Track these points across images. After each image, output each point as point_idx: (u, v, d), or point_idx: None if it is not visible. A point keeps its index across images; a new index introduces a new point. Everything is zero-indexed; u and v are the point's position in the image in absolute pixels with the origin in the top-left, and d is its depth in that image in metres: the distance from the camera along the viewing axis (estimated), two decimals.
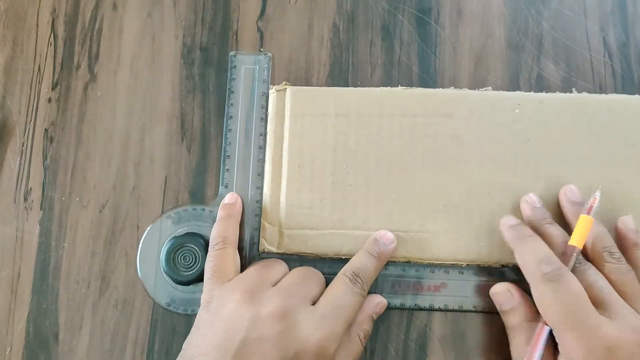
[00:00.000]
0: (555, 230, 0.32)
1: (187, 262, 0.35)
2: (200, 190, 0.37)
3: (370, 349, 0.34)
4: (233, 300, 0.30)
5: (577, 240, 0.31)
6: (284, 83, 0.37)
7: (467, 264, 0.34)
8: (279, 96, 0.37)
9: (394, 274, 0.35)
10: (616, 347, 0.27)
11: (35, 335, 0.35)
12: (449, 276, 0.34)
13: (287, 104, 0.36)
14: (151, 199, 0.37)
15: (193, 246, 0.35)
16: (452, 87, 0.37)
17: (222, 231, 0.34)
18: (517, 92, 0.36)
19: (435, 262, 0.34)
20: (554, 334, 0.29)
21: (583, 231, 0.31)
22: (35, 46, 0.40)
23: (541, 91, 0.37)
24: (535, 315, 0.31)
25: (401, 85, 0.37)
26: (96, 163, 0.38)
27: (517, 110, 0.35)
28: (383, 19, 0.39)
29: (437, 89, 0.37)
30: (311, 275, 0.33)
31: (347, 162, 0.35)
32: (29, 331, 0.36)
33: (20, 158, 0.38)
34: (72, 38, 0.40)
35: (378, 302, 0.34)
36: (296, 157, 0.36)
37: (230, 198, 0.36)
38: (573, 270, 0.30)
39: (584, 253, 0.32)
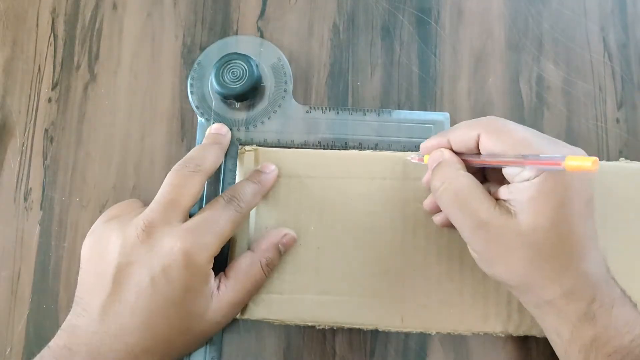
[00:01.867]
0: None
1: (234, 76, 0.36)
2: None
3: (370, 349, 0.34)
4: (106, 232, 0.31)
5: None
6: (253, 146, 0.36)
7: (437, 332, 0.33)
8: (248, 157, 0.36)
9: None
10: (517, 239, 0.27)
11: (35, 335, 0.35)
12: None
13: (256, 166, 0.36)
14: (151, 199, 0.36)
15: (242, 63, 0.36)
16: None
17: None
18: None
19: (404, 330, 0.33)
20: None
21: None
22: (35, 46, 0.40)
23: (541, 91, 0.37)
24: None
25: (401, 85, 0.37)
26: (96, 163, 0.38)
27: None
28: (383, 19, 0.39)
29: (405, 152, 0.35)
30: (184, 181, 0.32)
31: (314, 225, 0.35)
32: (29, 331, 0.36)
33: (21, 158, 0.38)
34: (72, 38, 0.40)
35: (285, 233, 0.34)
36: (263, 219, 0.35)
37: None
38: None
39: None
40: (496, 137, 0.27)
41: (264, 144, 0.36)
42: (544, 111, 0.37)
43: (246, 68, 0.36)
